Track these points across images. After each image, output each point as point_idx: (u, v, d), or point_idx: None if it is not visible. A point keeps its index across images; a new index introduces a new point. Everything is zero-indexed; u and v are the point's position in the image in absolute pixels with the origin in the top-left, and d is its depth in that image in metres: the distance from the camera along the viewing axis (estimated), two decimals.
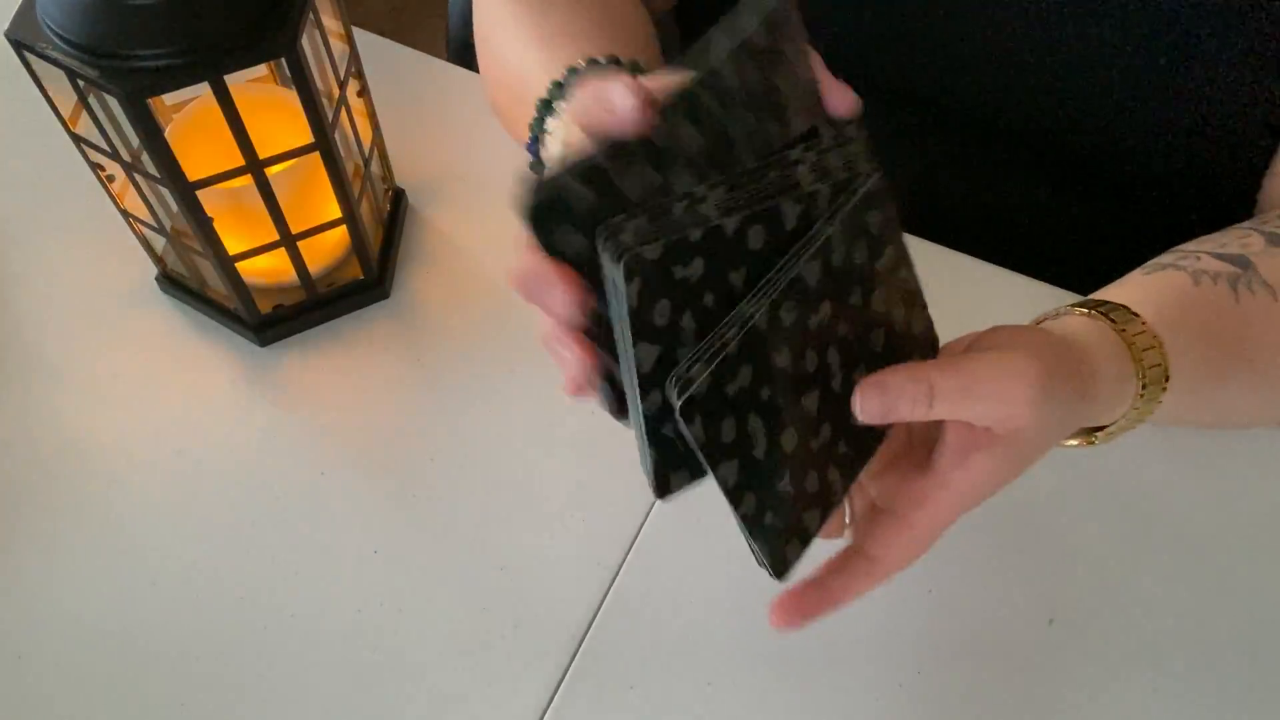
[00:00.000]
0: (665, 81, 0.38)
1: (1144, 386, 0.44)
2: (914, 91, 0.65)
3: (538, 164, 0.52)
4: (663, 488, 0.40)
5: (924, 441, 0.44)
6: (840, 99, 0.40)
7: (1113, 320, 0.44)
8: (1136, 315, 0.45)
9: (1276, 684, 0.50)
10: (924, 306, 0.45)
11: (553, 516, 0.54)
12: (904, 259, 0.42)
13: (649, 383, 0.36)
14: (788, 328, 0.37)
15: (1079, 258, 0.65)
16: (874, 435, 0.43)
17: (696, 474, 0.40)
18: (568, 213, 0.35)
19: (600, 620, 0.52)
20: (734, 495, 0.38)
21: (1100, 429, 0.46)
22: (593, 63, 0.51)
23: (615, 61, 0.52)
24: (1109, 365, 0.43)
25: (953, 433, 0.41)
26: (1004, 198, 0.69)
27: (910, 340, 0.43)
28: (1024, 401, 0.39)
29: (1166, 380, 0.44)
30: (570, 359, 0.37)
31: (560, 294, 0.35)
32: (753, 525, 0.39)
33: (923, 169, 0.68)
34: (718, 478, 0.37)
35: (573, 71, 0.51)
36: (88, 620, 0.52)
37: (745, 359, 0.36)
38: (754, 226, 0.37)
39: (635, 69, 0.52)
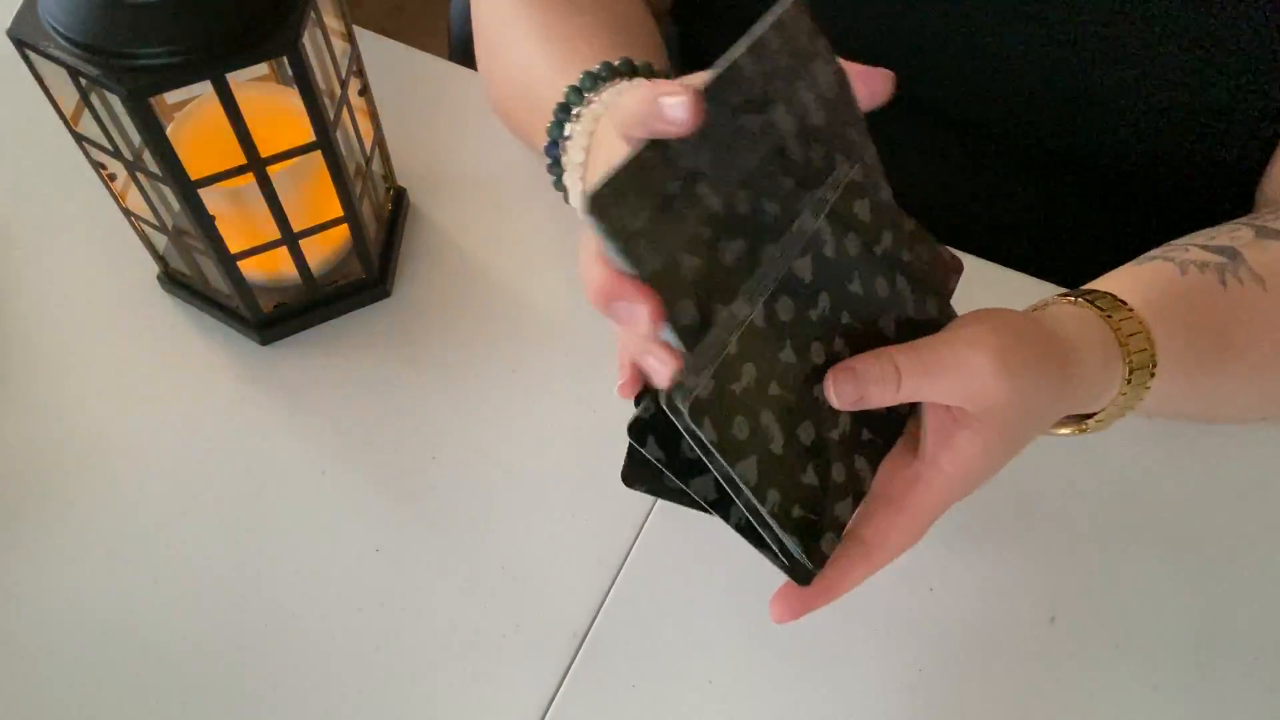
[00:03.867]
0: (690, 80, 0.38)
1: (1131, 372, 0.44)
2: (912, 93, 0.65)
3: (555, 166, 0.53)
4: (816, 559, 0.41)
5: (915, 429, 0.44)
6: (878, 84, 0.39)
7: (1099, 307, 0.45)
8: (1123, 303, 0.45)
9: (1277, 683, 0.50)
10: (942, 283, 0.45)
11: (553, 516, 0.54)
12: (907, 239, 0.42)
13: (760, 488, 0.38)
14: (787, 322, 0.38)
15: (1078, 255, 0.65)
16: (896, 418, 0.44)
17: (836, 526, 0.42)
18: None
19: (600, 620, 0.52)
20: (757, 492, 0.38)
21: (1090, 417, 0.46)
22: (608, 66, 0.51)
23: (629, 65, 0.52)
24: (1093, 351, 0.43)
25: (931, 415, 0.42)
26: (1002, 196, 0.69)
27: (925, 321, 0.43)
28: (986, 373, 0.39)
29: (1154, 366, 0.44)
30: (660, 367, 0.37)
31: (642, 311, 0.35)
32: (782, 520, 0.39)
33: (920, 169, 0.68)
34: (738, 476, 0.37)
35: (590, 76, 0.51)
36: (88, 620, 0.52)
37: (747, 358, 0.37)
38: (780, 299, 0.38)
39: (649, 72, 0.52)
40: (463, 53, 0.85)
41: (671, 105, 0.33)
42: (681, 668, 0.50)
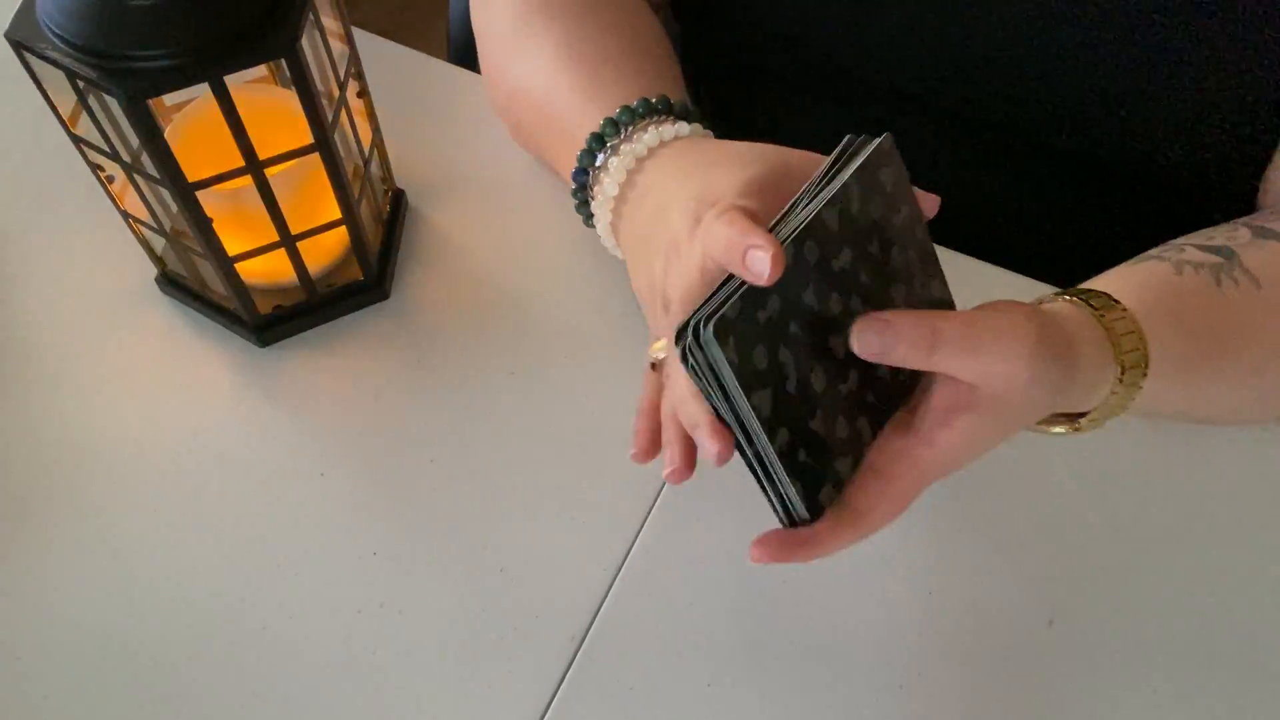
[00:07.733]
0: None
1: (1123, 371, 0.44)
2: (911, 92, 0.65)
3: (581, 191, 0.54)
4: (814, 509, 0.42)
5: (907, 402, 0.45)
6: (928, 206, 0.44)
7: (1093, 307, 0.45)
8: (1117, 302, 0.45)
9: (1277, 684, 0.50)
10: (939, 272, 0.46)
11: (553, 516, 0.54)
12: (919, 221, 0.44)
13: (771, 424, 0.39)
14: (812, 266, 0.39)
15: (1077, 257, 0.65)
16: (901, 388, 0.45)
17: (836, 480, 0.43)
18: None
19: (600, 620, 0.52)
20: (768, 427, 0.39)
21: (1083, 415, 0.46)
22: (645, 103, 0.53)
23: (666, 102, 0.53)
24: (1088, 349, 0.43)
25: (940, 392, 0.42)
26: (1001, 197, 0.69)
27: (928, 302, 0.45)
28: (1022, 358, 0.40)
29: (1146, 366, 0.44)
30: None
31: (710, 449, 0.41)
32: (788, 461, 0.40)
33: (920, 169, 0.68)
34: (752, 405, 0.38)
35: (628, 111, 0.52)
36: (86, 620, 0.52)
37: (775, 288, 0.38)
38: (807, 243, 0.39)
39: (684, 110, 0.54)
40: (462, 54, 0.85)
41: (758, 259, 0.37)
42: (680, 670, 0.50)
